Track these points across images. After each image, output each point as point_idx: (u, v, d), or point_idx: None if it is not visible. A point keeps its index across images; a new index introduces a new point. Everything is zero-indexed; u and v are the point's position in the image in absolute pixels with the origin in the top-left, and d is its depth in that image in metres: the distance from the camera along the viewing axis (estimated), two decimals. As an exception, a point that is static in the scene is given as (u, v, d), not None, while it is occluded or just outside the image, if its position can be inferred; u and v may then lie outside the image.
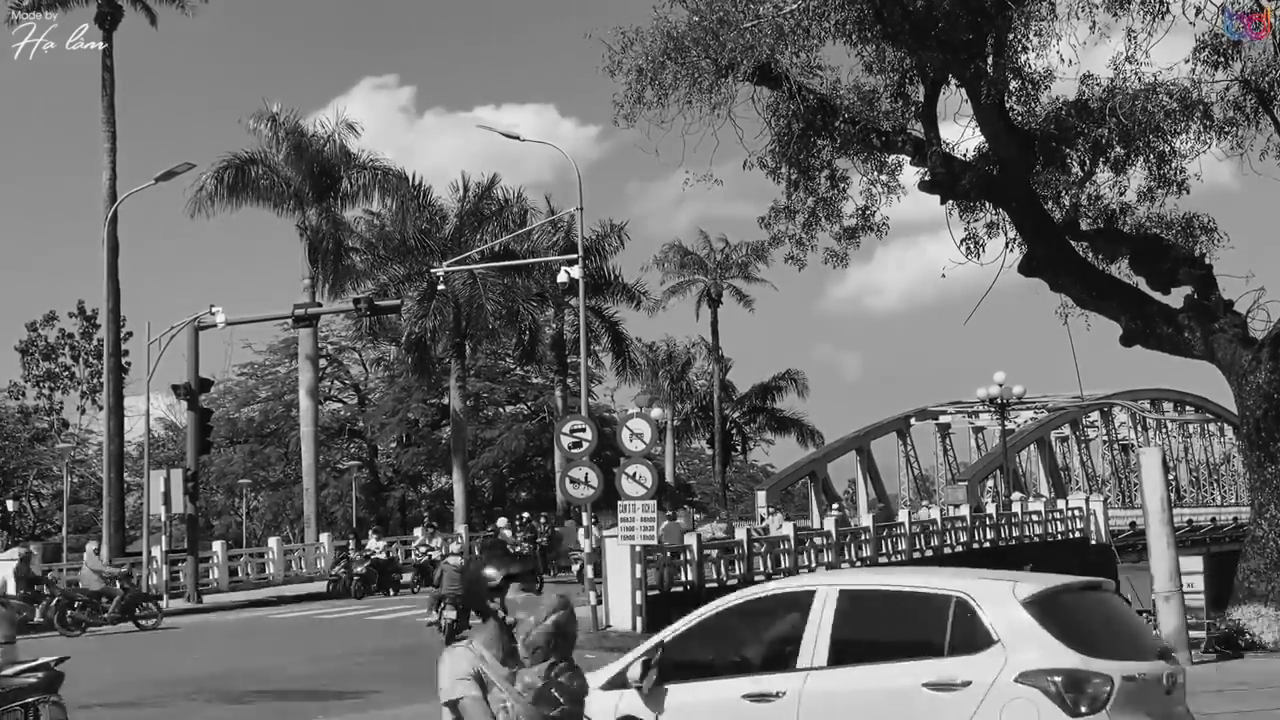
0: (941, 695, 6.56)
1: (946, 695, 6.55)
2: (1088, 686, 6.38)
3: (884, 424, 59.75)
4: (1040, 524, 41.18)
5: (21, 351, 66.27)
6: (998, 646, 6.57)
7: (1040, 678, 6.38)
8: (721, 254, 57.30)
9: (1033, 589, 6.81)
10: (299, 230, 41.61)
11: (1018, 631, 6.57)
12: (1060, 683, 6.36)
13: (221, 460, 64.62)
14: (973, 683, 6.52)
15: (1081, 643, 6.56)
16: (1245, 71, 17.59)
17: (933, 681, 6.62)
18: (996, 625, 6.64)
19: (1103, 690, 6.39)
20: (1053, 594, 6.91)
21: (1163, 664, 6.94)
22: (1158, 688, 6.77)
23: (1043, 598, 6.77)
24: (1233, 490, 66.46)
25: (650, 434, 22.16)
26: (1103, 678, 6.42)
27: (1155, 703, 6.71)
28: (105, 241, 35.83)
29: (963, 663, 6.61)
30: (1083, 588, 7.42)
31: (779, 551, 29.36)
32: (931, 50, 17.09)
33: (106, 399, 37.52)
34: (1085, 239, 20.10)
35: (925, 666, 6.69)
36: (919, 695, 6.61)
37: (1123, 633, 7.09)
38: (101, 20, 38.35)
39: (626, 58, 17.56)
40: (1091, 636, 6.69)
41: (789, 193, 19.92)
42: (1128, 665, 6.61)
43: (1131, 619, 7.52)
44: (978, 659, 6.58)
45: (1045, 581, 7.15)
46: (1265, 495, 18.01)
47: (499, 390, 68.04)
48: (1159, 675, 6.81)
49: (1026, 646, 6.50)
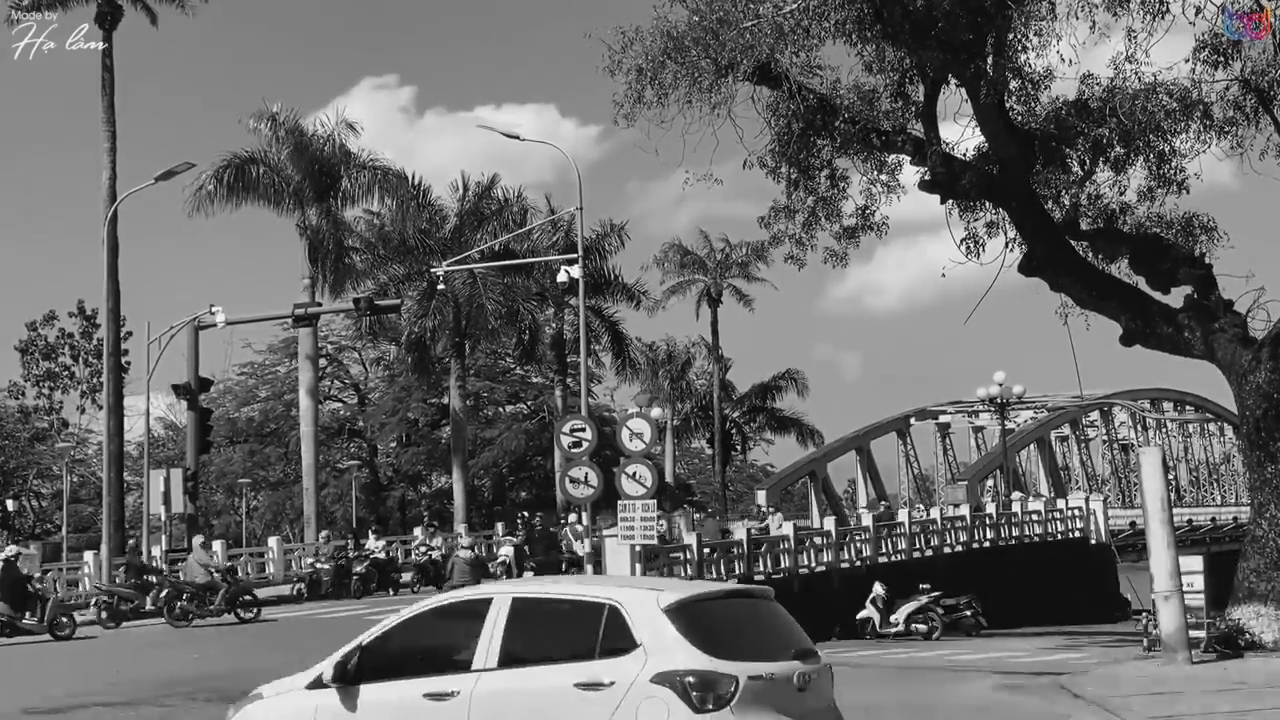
0: (589, 694, 7.12)
1: (594, 694, 7.11)
2: (714, 686, 6.96)
3: (884, 424, 59.76)
4: (1040, 524, 41.20)
5: (21, 351, 66.28)
6: (640, 650, 7.16)
7: (672, 678, 6.98)
8: (721, 253, 57.31)
9: (674, 597, 7.40)
10: (299, 230, 41.63)
11: (658, 636, 7.16)
12: (689, 682, 6.95)
13: (221, 460, 64.64)
14: (615, 683, 7.10)
15: (714, 646, 7.13)
16: (1245, 71, 17.58)
17: (583, 682, 7.18)
18: (640, 631, 7.22)
19: (728, 689, 6.97)
20: (693, 602, 7.49)
21: (797, 664, 7.46)
22: (788, 686, 7.32)
23: (683, 605, 7.35)
24: (1232, 490, 66.50)
25: (650, 433, 22.16)
26: (728, 678, 7.00)
27: (786, 700, 7.26)
28: (105, 241, 35.81)
29: (609, 665, 7.19)
30: (728, 595, 8.20)
31: (779, 551, 29.40)
32: (931, 50, 17.09)
33: (106, 398, 37.49)
34: (1085, 238, 20.10)
35: (578, 668, 7.25)
36: (571, 694, 7.17)
37: (759, 636, 7.60)
38: (101, 20, 38.34)
39: (626, 57, 17.55)
40: (724, 640, 7.25)
41: (789, 192, 19.91)
42: (756, 666, 7.19)
43: (773, 623, 7.88)
44: (622, 661, 7.16)
45: (689, 590, 7.80)
46: (1265, 495, 18.01)
47: (499, 390, 68.06)
48: (790, 674, 7.36)
49: (664, 650, 7.10)
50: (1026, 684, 15.39)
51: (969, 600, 28.43)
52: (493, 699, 7.38)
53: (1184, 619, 15.68)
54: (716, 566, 26.89)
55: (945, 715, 13.58)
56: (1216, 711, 12.18)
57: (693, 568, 25.52)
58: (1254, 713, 12.04)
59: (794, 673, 7.39)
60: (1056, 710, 13.08)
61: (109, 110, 38.40)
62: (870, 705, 14.19)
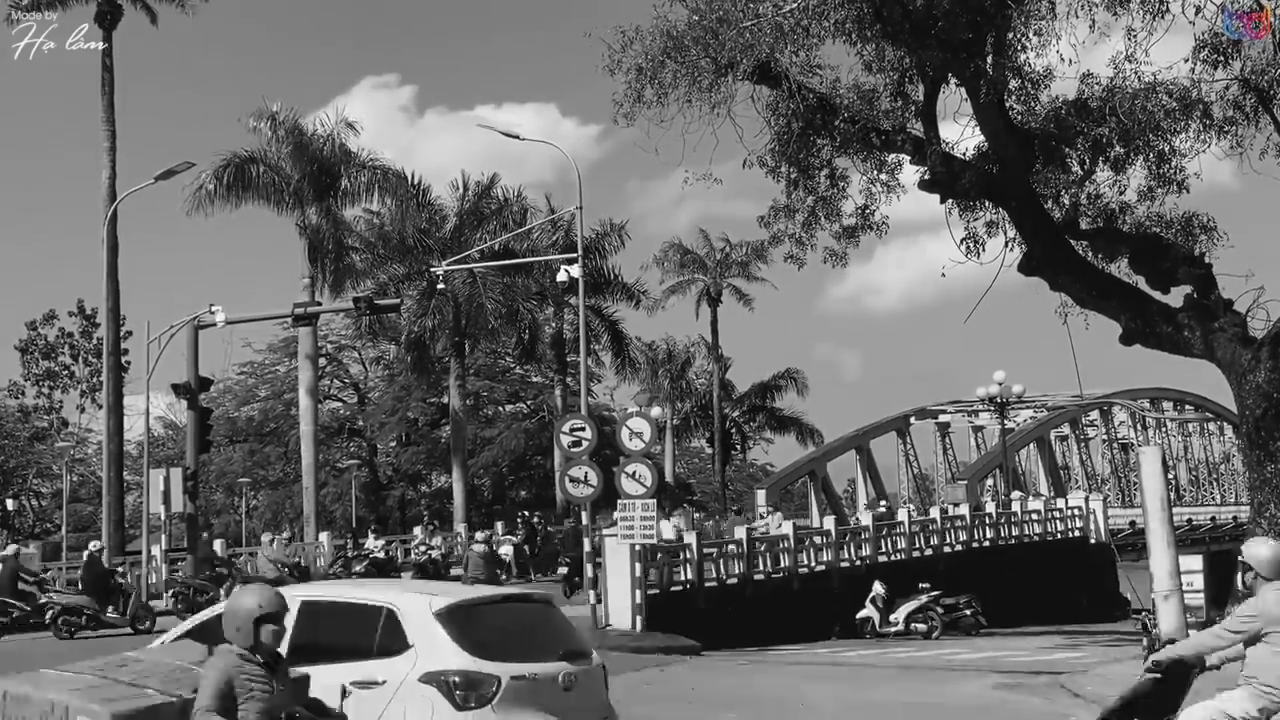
0: (363, 693, 7.49)
1: (367, 693, 7.49)
2: (477, 685, 7.39)
3: (883, 423, 59.74)
4: (1039, 523, 41.21)
5: (21, 350, 66.33)
6: (412, 651, 7.59)
7: (438, 677, 7.40)
8: (721, 253, 57.29)
9: (446, 602, 7.84)
10: (298, 229, 41.59)
11: (428, 638, 7.58)
12: (454, 682, 7.37)
13: (221, 459, 64.66)
14: (388, 681, 7.50)
15: (480, 648, 7.56)
16: (1245, 70, 17.58)
17: (358, 680, 7.56)
18: (413, 633, 7.64)
19: (490, 689, 7.40)
20: (465, 606, 7.96)
21: (563, 665, 7.87)
22: (553, 686, 7.73)
23: (454, 609, 7.79)
24: (1232, 489, 66.50)
25: (650, 433, 22.15)
26: (491, 678, 7.44)
27: (550, 699, 7.67)
28: (105, 240, 35.82)
29: (384, 664, 7.60)
30: (502, 600, 8.73)
31: (779, 550, 29.40)
32: (931, 49, 17.08)
33: (106, 398, 37.51)
34: (1085, 238, 20.10)
35: (356, 667, 7.63)
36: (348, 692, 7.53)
37: (527, 639, 8.03)
38: (101, 19, 38.35)
39: (626, 56, 17.56)
40: (491, 642, 7.67)
41: (789, 192, 19.91)
42: (520, 667, 7.62)
43: (545, 627, 8.26)
44: (395, 661, 7.58)
45: (462, 595, 8.28)
46: (1264, 494, 18.00)
47: (499, 389, 68.07)
48: (555, 675, 7.77)
49: (433, 651, 7.52)
50: (1026, 683, 15.40)
51: (969, 600, 28.44)
52: None
53: (1184, 618, 15.65)
54: (716, 566, 26.91)
55: (945, 714, 13.58)
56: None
57: (692, 567, 25.52)
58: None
59: (559, 673, 7.79)
60: (1056, 709, 13.09)
61: (109, 110, 38.41)
62: (870, 704, 14.22)
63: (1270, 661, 6.78)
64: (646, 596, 21.87)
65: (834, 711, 13.65)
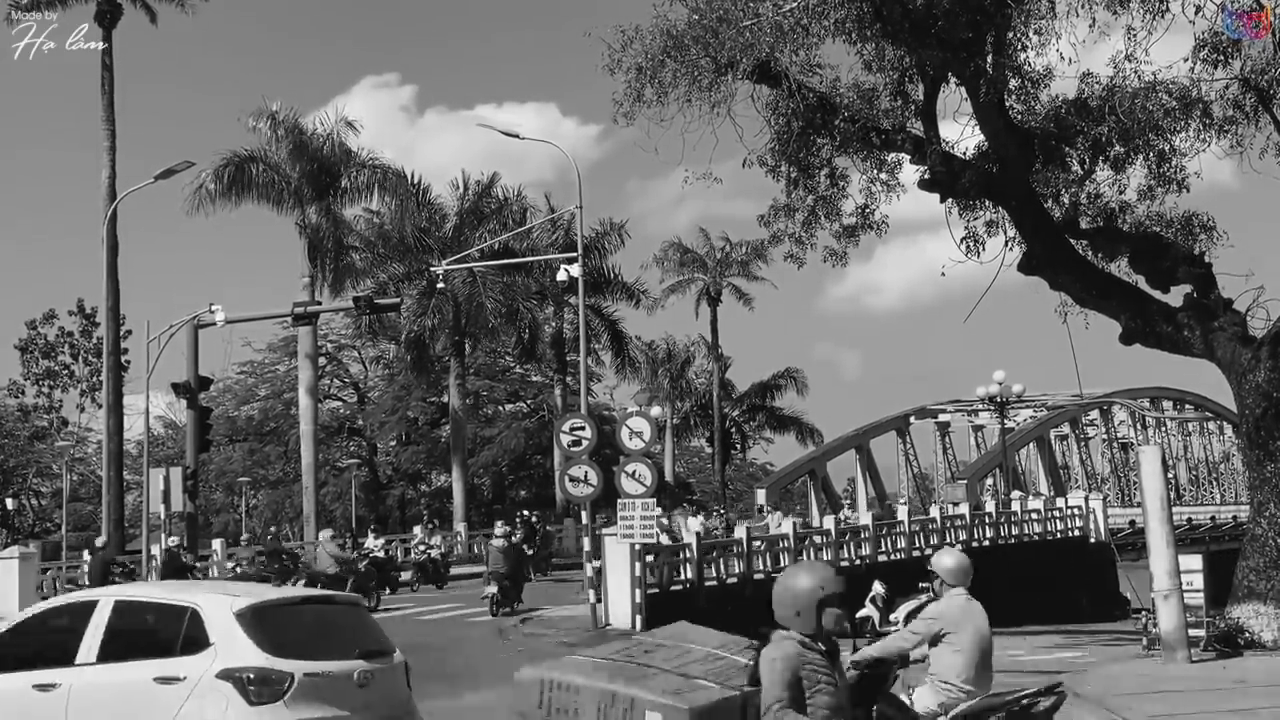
0: (165, 688, 7.91)
1: (169, 688, 7.90)
2: (269, 682, 7.80)
3: (883, 422, 59.81)
4: (1039, 522, 41.17)
5: (21, 349, 66.34)
6: (212, 649, 7.99)
7: (233, 674, 7.82)
8: (721, 252, 57.33)
9: (247, 602, 8.25)
10: (298, 228, 41.61)
11: (227, 637, 8.00)
12: (247, 678, 7.78)
13: (221, 458, 64.66)
14: (188, 678, 7.90)
15: (276, 646, 7.98)
16: (1245, 70, 17.57)
17: (161, 676, 7.99)
18: (213, 631, 8.06)
19: (282, 684, 7.81)
20: (265, 606, 8.37)
21: (359, 663, 8.30)
22: (348, 682, 8.16)
23: (253, 610, 8.19)
24: (1232, 488, 66.52)
25: (650, 432, 22.13)
26: (283, 674, 7.85)
27: (344, 695, 8.11)
28: (105, 239, 35.83)
29: (185, 661, 8.00)
30: (303, 601, 9.31)
31: (779, 549, 29.37)
32: (931, 48, 17.08)
33: (106, 397, 37.52)
34: (1085, 237, 20.09)
35: (160, 664, 8.07)
36: (150, 687, 7.97)
37: (326, 638, 8.43)
38: (101, 18, 38.37)
39: (626, 56, 17.55)
40: (287, 641, 8.10)
41: (788, 191, 19.89)
42: (315, 665, 8.04)
43: (345, 627, 8.71)
44: (195, 658, 7.98)
45: (263, 596, 8.74)
46: (1264, 493, 18.00)
47: (498, 388, 68.09)
48: (350, 672, 8.20)
49: (231, 649, 7.94)
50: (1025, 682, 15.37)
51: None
52: (88, 691, 8.18)
53: (1183, 618, 15.67)
54: (716, 565, 26.89)
55: (945, 714, 13.56)
56: (1215, 710, 12.17)
57: (692, 567, 25.51)
58: (1253, 712, 12.03)
59: (354, 670, 8.22)
60: (1056, 709, 13.06)
61: (108, 109, 38.42)
62: (870, 704, 14.23)
63: (950, 660, 7.52)
64: (646, 596, 21.86)
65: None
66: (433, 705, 11.40)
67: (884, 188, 20.00)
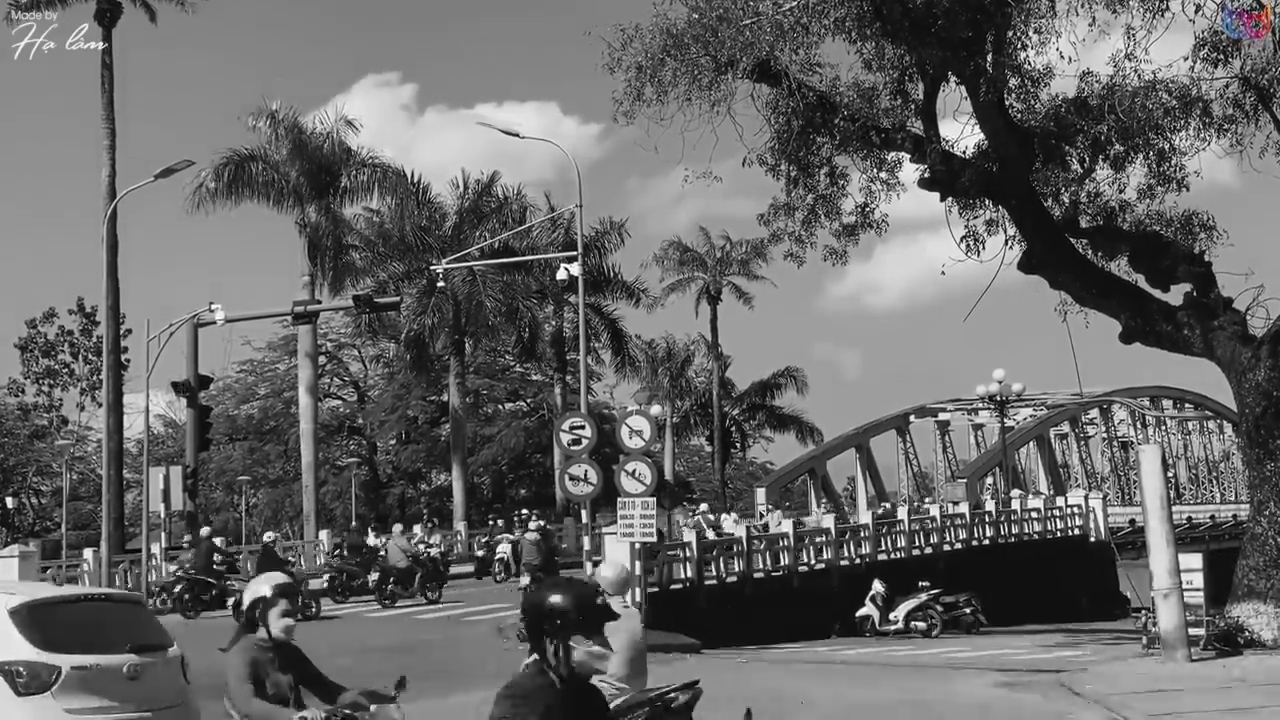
0: None
1: None
2: (37, 674, 8.26)
3: (883, 421, 59.80)
4: (1039, 521, 41.17)
5: (21, 348, 66.36)
6: None
7: (3, 668, 8.26)
8: (721, 251, 57.29)
9: (22, 600, 8.79)
10: (298, 227, 41.60)
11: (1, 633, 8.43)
12: (17, 670, 8.25)
13: (221, 457, 64.67)
14: None
15: (47, 641, 8.45)
16: (1245, 69, 17.58)
17: None
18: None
19: (50, 676, 8.28)
20: (39, 604, 8.88)
21: (130, 657, 8.68)
22: (118, 675, 8.58)
23: (28, 606, 8.71)
24: (1232, 487, 66.50)
25: (650, 431, 22.11)
26: (51, 667, 8.31)
27: (115, 687, 8.54)
28: (105, 238, 35.79)
29: None
30: (79, 599, 9.89)
31: (779, 549, 29.39)
32: (931, 47, 17.07)
33: (106, 396, 37.49)
34: (1085, 236, 20.09)
35: None
36: None
37: (99, 633, 8.84)
38: (101, 17, 38.35)
39: (626, 54, 17.54)
40: (58, 636, 8.56)
41: (788, 190, 19.88)
42: (84, 658, 8.49)
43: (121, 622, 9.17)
44: None
45: (38, 594, 9.31)
46: (1264, 492, 18.01)
47: (498, 387, 68.09)
48: (120, 665, 8.60)
49: (4, 644, 8.37)
50: (1026, 681, 15.39)
51: (968, 598, 28.43)
52: None
53: (1183, 616, 15.68)
54: (716, 564, 26.92)
55: (945, 712, 13.57)
56: (1215, 709, 12.18)
57: (692, 565, 25.53)
58: (1253, 710, 12.04)
59: (125, 664, 8.63)
60: (1056, 708, 13.08)
61: (108, 108, 38.40)
62: (870, 703, 14.23)
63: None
64: (647, 594, 21.85)
65: (834, 709, 13.65)
66: (433, 705, 11.41)
67: (884, 186, 20.00)
